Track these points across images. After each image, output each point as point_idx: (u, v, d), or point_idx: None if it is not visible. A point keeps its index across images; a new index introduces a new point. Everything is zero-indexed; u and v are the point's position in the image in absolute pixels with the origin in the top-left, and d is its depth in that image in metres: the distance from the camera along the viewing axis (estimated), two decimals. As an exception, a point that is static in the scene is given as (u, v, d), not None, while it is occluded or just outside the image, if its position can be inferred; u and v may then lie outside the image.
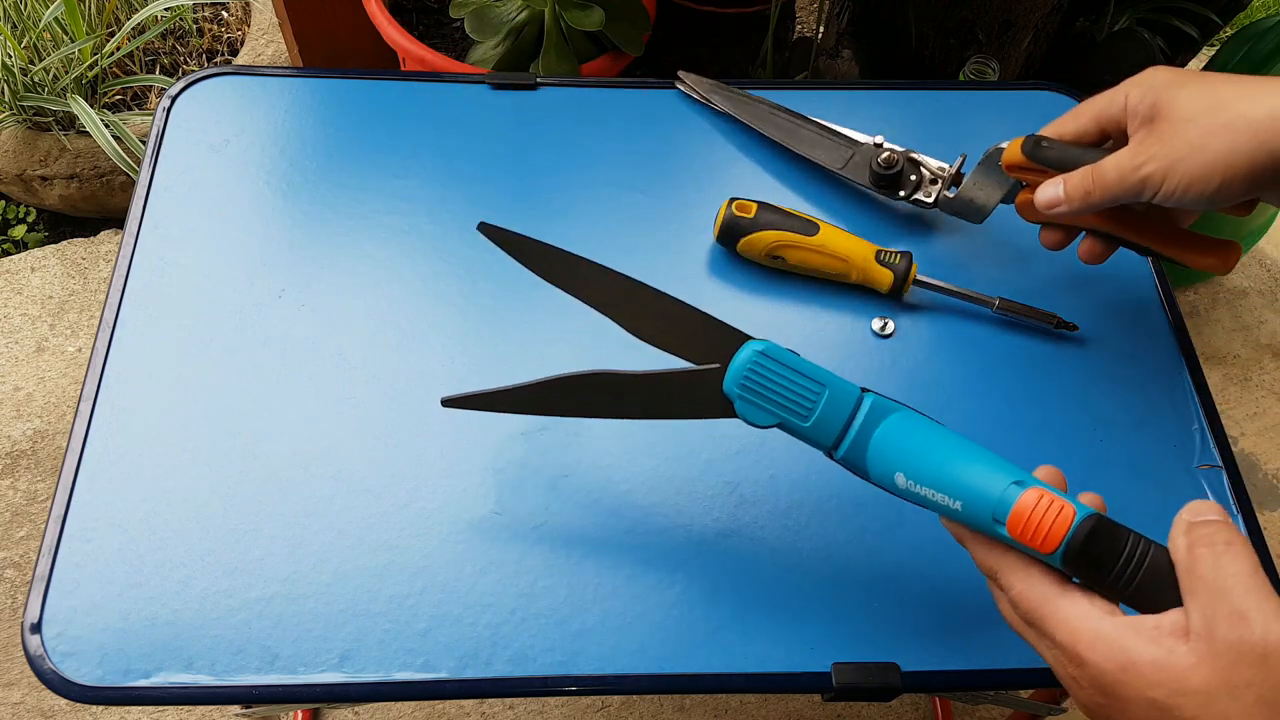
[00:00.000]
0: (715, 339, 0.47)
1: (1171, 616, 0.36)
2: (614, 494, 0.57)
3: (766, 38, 1.23)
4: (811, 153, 0.70)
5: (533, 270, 0.50)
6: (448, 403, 0.50)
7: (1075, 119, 0.56)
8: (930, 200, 0.67)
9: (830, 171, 0.70)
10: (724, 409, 0.47)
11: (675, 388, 0.47)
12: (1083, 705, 0.39)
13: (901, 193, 0.68)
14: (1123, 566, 0.38)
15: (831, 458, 0.47)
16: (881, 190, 0.68)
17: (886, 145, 0.68)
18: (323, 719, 1.09)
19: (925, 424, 0.45)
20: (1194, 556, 0.36)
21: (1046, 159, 0.56)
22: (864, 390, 0.46)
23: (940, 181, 0.67)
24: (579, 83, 0.76)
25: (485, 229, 0.51)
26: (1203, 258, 0.58)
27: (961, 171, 0.66)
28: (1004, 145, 0.60)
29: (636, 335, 0.49)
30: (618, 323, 0.49)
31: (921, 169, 0.68)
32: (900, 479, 0.44)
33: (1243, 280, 1.51)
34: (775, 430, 0.47)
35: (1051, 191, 0.56)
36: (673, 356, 0.48)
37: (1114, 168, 0.52)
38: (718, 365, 0.47)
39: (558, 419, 0.59)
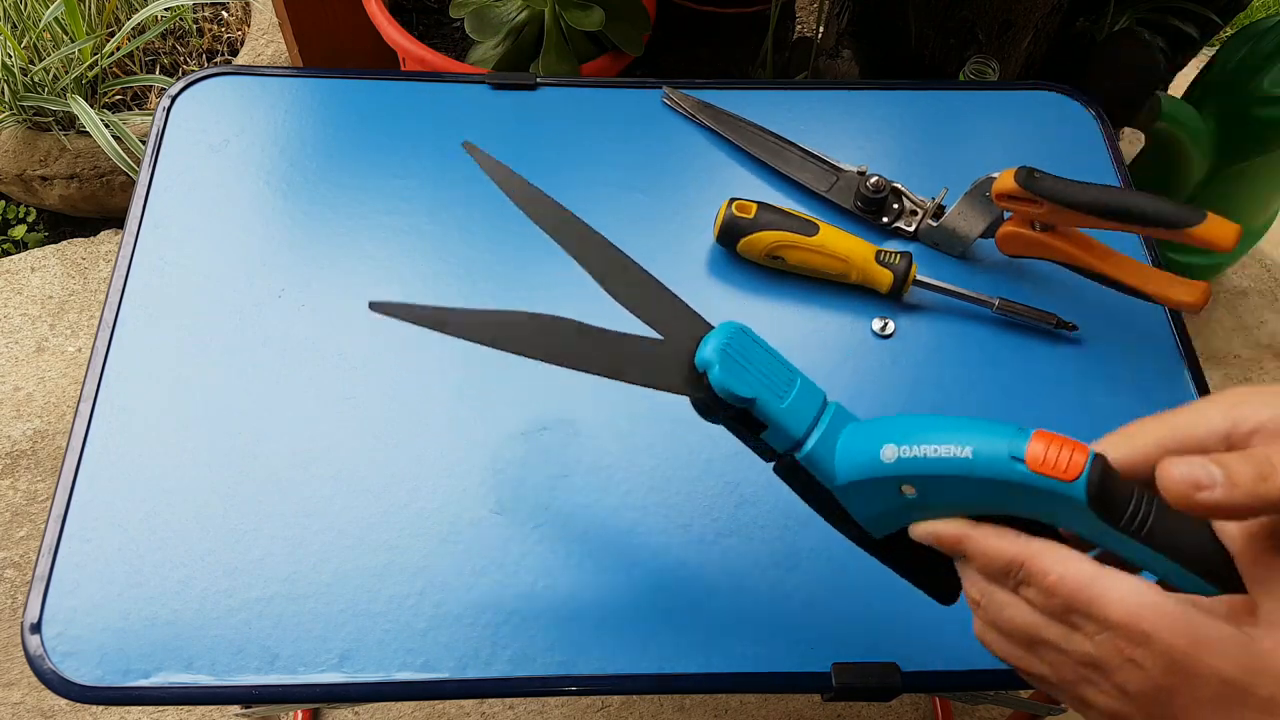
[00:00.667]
0: (687, 323, 0.46)
1: (1231, 598, 0.35)
2: (614, 494, 0.57)
3: (766, 38, 1.23)
4: (798, 175, 0.71)
5: (519, 206, 0.49)
6: (375, 306, 0.43)
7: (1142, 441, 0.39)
8: (911, 230, 0.69)
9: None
10: (683, 382, 0.45)
11: (641, 351, 0.46)
12: (1138, 694, 0.35)
13: (885, 219, 0.69)
14: (1134, 510, 0.37)
15: (790, 460, 0.44)
16: (866, 215, 0.69)
17: (871, 172, 0.68)
18: (323, 719, 1.09)
19: (896, 414, 0.44)
20: (1259, 545, 0.34)
21: (1040, 189, 0.58)
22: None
23: (921, 213, 0.68)
24: (579, 83, 0.76)
25: (469, 148, 0.50)
26: (1180, 295, 0.61)
27: (943, 204, 0.68)
28: (994, 175, 0.62)
29: (611, 295, 0.48)
30: (592, 275, 0.49)
31: (904, 199, 0.69)
32: (889, 450, 0.40)
33: (1243, 280, 1.51)
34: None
35: (1202, 472, 0.33)
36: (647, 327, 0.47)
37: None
38: (688, 343, 0.46)
39: (558, 418, 0.59)
